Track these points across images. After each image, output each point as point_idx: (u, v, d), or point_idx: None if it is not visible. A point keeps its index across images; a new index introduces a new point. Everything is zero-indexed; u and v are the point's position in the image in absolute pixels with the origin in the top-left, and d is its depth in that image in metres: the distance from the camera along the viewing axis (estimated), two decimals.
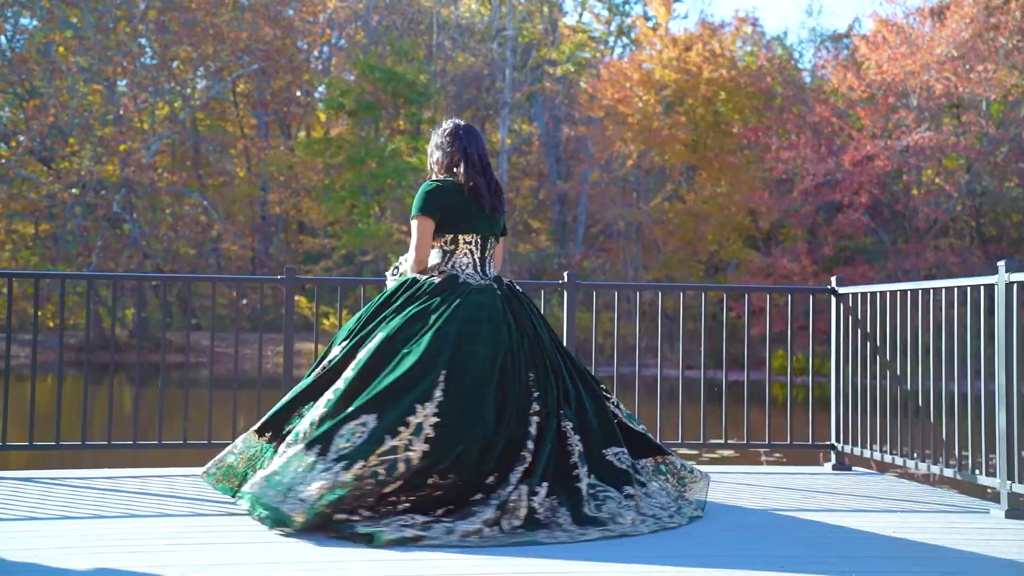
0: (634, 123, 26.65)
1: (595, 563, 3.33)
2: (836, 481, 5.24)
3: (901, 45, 23.70)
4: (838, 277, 5.79)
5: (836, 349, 5.71)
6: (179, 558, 3.34)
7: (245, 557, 3.37)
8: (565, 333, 5.73)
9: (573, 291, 5.75)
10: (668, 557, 3.45)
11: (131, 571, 3.18)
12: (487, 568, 3.24)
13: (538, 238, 31.53)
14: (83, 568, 3.21)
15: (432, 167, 4.38)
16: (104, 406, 10.26)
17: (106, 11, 25.98)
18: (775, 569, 3.31)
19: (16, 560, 3.30)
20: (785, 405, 5.98)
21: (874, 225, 24.55)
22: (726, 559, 3.46)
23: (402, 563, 3.30)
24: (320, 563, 3.30)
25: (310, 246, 29.25)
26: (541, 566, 3.28)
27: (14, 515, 4.07)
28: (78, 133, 25.35)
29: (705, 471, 4.41)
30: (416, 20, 32.66)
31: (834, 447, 5.69)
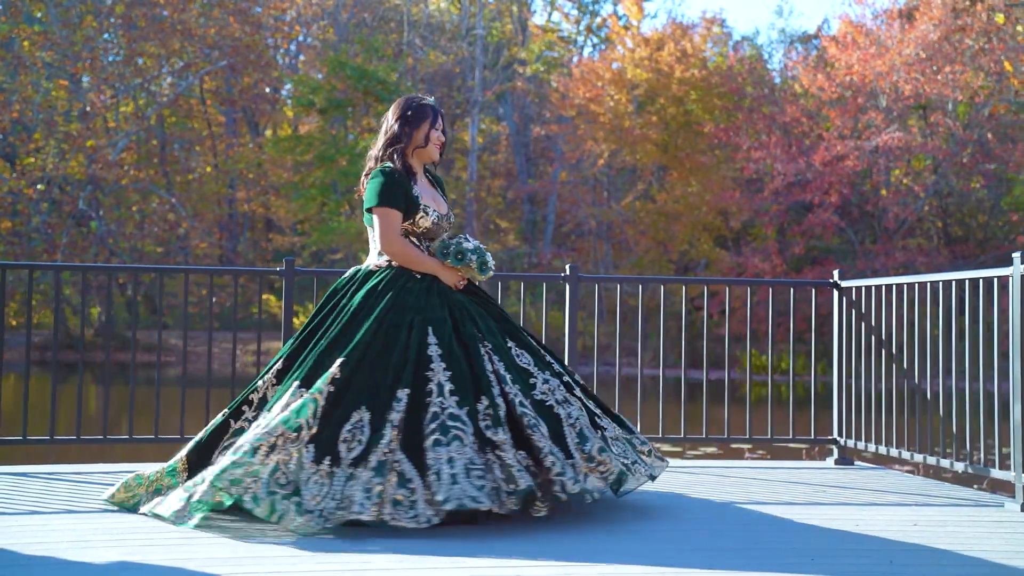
0: (606, 122, 26.67)
1: (624, 566, 3.27)
2: (842, 476, 5.22)
3: (870, 46, 23.89)
4: (840, 271, 5.78)
5: (838, 343, 5.69)
6: (197, 552, 3.26)
7: (264, 551, 3.29)
8: (567, 328, 5.68)
9: (576, 284, 5.69)
10: (694, 551, 3.41)
11: (150, 564, 3.10)
12: (492, 565, 3.18)
13: (506, 237, 31.48)
14: (100, 561, 3.12)
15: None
16: (71, 404, 10.06)
17: (71, 6, 25.58)
18: (805, 559, 3.27)
19: (29, 554, 3.20)
20: (784, 402, 5.96)
21: (843, 225, 24.73)
22: (753, 552, 3.42)
23: (426, 558, 3.23)
24: (342, 557, 3.23)
25: (279, 244, 29.02)
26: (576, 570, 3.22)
27: (17, 509, 3.96)
28: (43, 129, 24.93)
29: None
30: (386, 18, 32.51)
31: (836, 442, 5.68)
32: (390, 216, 3.98)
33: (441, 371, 3.75)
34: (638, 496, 4.35)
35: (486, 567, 3.12)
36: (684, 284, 5.99)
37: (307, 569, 3.06)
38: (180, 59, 26.69)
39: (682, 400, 5.71)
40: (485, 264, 4.06)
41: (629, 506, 4.16)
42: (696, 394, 11.02)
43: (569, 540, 3.50)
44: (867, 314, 5.47)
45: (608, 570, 3.10)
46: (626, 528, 3.75)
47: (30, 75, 24.89)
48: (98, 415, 11.79)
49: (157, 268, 5.66)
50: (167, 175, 27.37)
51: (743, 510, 4.20)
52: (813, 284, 5.93)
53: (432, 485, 3.51)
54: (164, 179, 27.19)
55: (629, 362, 17.53)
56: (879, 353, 5.37)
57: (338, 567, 3.11)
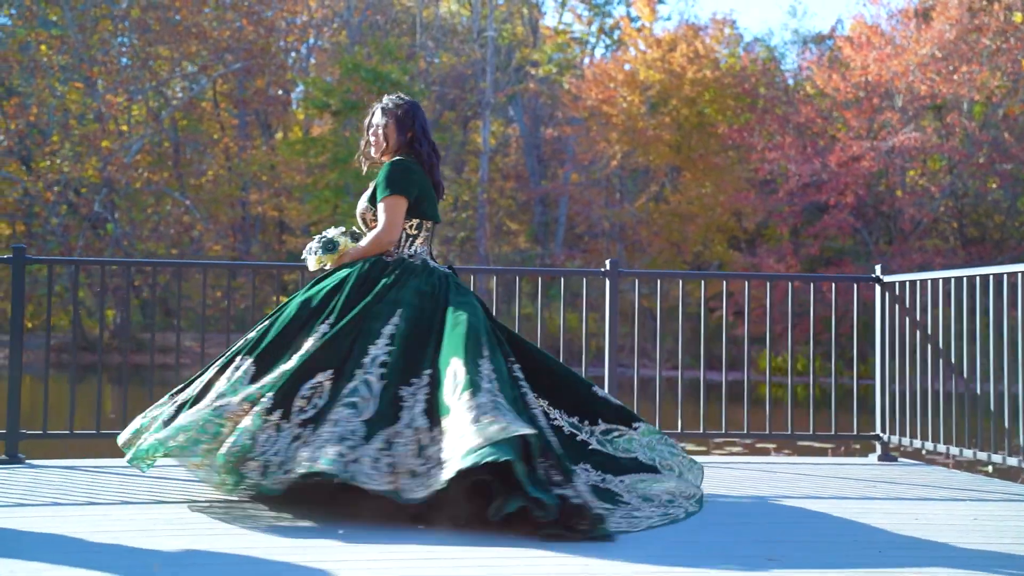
0: (618, 123, 26.65)
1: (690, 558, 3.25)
2: (888, 472, 5.19)
3: (885, 46, 23.83)
4: (883, 265, 5.75)
5: (880, 339, 5.66)
6: (259, 541, 3.26)
7: (326, 542, 3.28)
8: (608, 322, 5.65)
9: (616, 279, 5.67)
10: (755, 542, 3.38)
11: (216, 551, 3.11)
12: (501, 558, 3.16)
13: (517, 239, 31.46)
14: (168, 549, 3.13)
15: (381, 144, 4.20)
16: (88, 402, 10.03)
17: (87, 9, 25.64)
18: (874, 552, 3.25)
19: (96, 541, 3.19)
20: (804, 401, 5.93)
21: (859, 226, 24.66)
22: (818, 544, 3.40)
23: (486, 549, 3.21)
24: (405, 550, 3.21)
25: (292, 246, 29.03)
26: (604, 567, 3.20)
27: (74, 500, 3.95)
28: (59, 132, 25.00)
29: None
30: (398, 20, 32.53)
31: (879, 438, 5.64)
32: None
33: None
34: None
35: (549, 560, 3.10)
36: (725, 279, 5.97)
37: (371, 558, 3.05)
38: (193, 63, 26.74)
39: (701, 399, 5.69)
40: (308, 249, 4.26)
41: None
42: (714, 394, 10.99)
43: (623, 535, 3.48)
44: (911, 309, 5.44)
45: (681, 553, 3.08)
46: (678, 523, 3.73)
47: (46, 78, 24.97)
48: (117, 416, 11.79)
49: (176, 262, 5.70)
50: (181, 177, 27.41)
51: (796, 504, 4.17)
52: (855, 279, 5.90)
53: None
54: (178, 182, 27.23)
55: (645, 363, 17.50)
56: (924, 348, 5.34)
57: (401, 556, 3.10)
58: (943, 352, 5.18)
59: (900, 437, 5.50)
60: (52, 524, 3.47)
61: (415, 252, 4.12)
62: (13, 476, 4.50)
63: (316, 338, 3.87)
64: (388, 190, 4.04)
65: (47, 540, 3.24)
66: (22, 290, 5.02)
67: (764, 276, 6.17)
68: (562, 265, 27.23)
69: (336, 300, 3.98)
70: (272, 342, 3.92)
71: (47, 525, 3.45)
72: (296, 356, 3.83)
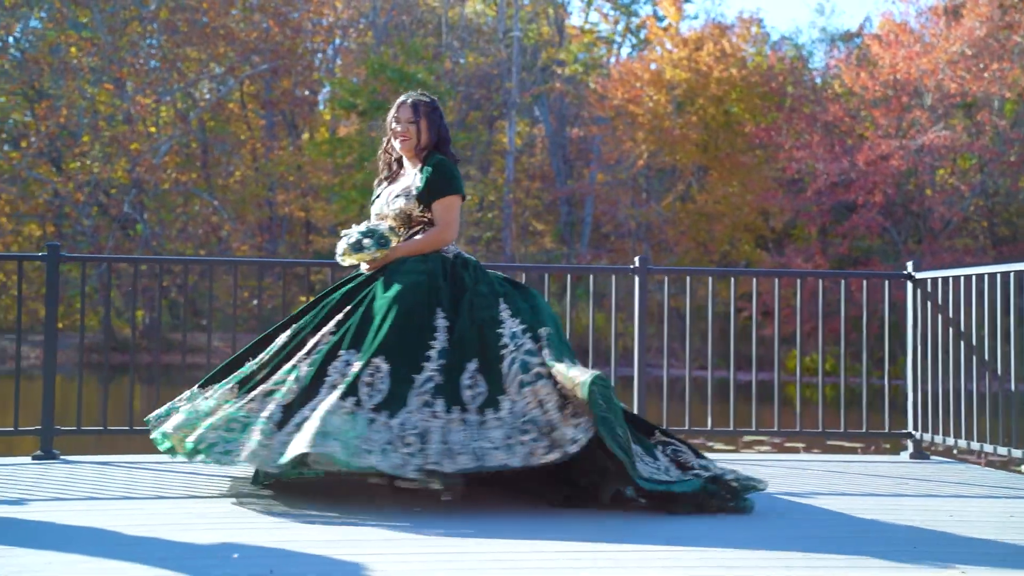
0: (645, 123, 26.59)
1: (733, 550, 3.24)
2: (920, 469, 5.15)
3: (914, 44, 23.65)
4: (915, 261, 5.71)
5: (912, 336, 5.62)
6: (295, 534, 3.28)
7: (365, 534, 3.30)
8: (636, 320, 5.64)
9: (644, 276, 5.65)
10: (794, 539, 3.37)
11: (253, 545, 3.12)
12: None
13: (542, 240, 31.45)
14: (202, 542, 3.15)
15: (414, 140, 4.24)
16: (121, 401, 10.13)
17: (116, 11, 25.85)
18: (908, 547, 3.23)
19: (133, 535, 3.22)
20: (833, 401, 5.90)
21: (887, 225, 24.49)
22: (859, 540, 3.38)
23: (531, 543, 3.22)
24: (438, 542, 3.23)
25: (319, 246, 29.14)
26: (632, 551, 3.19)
27: (110, 495, 3.99)
28: (89, 133, 25.23)
29: None
30: (424, 21, 32.59)
31: (911, 435, 5.61)
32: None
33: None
34: None
35: (596, 552, 3.10)
36: (754, 276, 5.95)
37: (407, 552, 3.06)
38: (221, 64, 26.91)
39: (731, 397, 5.68)
40: (352, 245, 4.18)
41: None
42: (743, 394, 10.93)
43: (669, 526, 3.48)
44: (943, 306, 5.40)
45: (718, 554, 3.08)
46: (711, 517, 3.72)
47: (76, 80, 25.19)
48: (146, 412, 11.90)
49: (207, 260, 5.75)
50: (208, 178, 27.58)
51: (828, 500, 4.15)
52: (886, 276, 5.86)
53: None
54: (206, 182, 27.40)
55: (673, 363, 17.45)
56: (956, 345, 5.30)
57: (436, 549, 3.11)
58: (976, 349, 5.13)
59: (932, 435, 5.46)
60: (89, 518, 3.50)
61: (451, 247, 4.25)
62: (49, 471, 4.55)
63: (443, 333, 3.93)
64: (448, 189, 4.16)
65: (84, 533, 3.27)
66: (56, 287, 5.07)
67: (794, 273, 6.15)
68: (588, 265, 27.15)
69: (441, 295, 4.04)
70: (394, 340, 3.88)
71: (84, 519, 3.49)
72: (435, 353, 3.86)
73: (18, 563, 2.85)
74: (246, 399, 3.84)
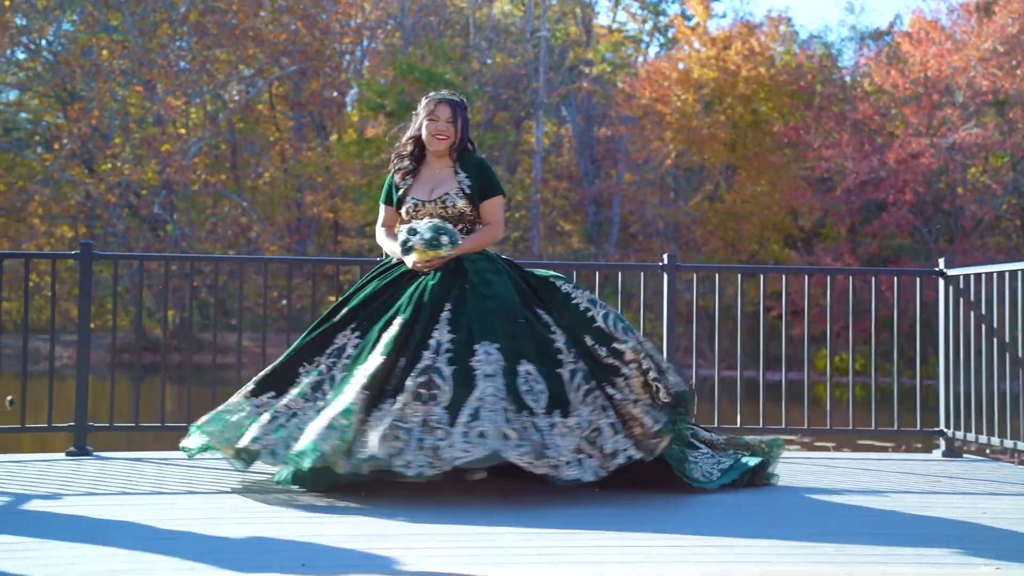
0: (672, 122, 26.51)
1: (765, 540, 3.23)
2: (952, 467, 5.11)
3: (945, 41, 23.43)
4: (946, 258, 5.66)
5: (944, 333, 5.58)
6: (325, 529, 3.30)
7: (391, 529, 3.32)
8: (665, 318, 5.62)
9: (673, 274, 5.64)
10: (822, 534, 3.36)
11: (281, 538, 3.15)
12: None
13: (570, 239, 31.41)
14: (234, 536, 3.17)
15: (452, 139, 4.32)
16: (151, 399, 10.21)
17: (147, 14, 26.08)
18: (941, 544, 3.21)
19: (164, 528, 3.26)
20: (863, 401, 5.86)
21: (918, 223, 24.29)
22: (887, 536, 3.36)
23: (556, 532, 3.22)
24: (467, 535, 3.23)
25: (347, 247, 29.25)
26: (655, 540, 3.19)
27: (142, 490, 4.03)
28: (120, 135, 25.46)
29: None
30: (451, 21, 32.65)
31: (943, 433, 5.56)
32: (381, 210, 4.47)
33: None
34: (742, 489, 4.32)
35: (627, 545, 3.10)
36: (784, 273, 5.92)
37: (435, 546, 3.07)
38: (250, 66, 27.08)
39: (760, 396, 5.65)
40: (429, 242, 4.11)
41: (730, 493, 4.13)
42: (773, 393, 10.85)
43: (698, 517, 3.48)
44: (975, 303, 5.35)
45: (748, 547, 3.07)
46: (741, 511, 3.71)
47: (107, 83, 25.43)
48: (177, 411, 12.00)
49: (237, 258, 5.79)
50: (238, 179, 27.75)
51: (857, 498, 4.12)
52: (918, 272, 5.82)
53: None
54: (235, 183, 27.58)
55: (701, 363, 17.39)
56: (988, 343, 5.25)
57: (464, 542, 3.12)
58: (1008, 346, 5.08)
59: (964, 432, 5.41)
60: (122, 512, 3.54)
61: None
62: (82, 467, 4.60)
63: (538, 327, 4.05)
64: (497, 189, 4.33)
65: (117, 526, 3.31)
66: (89, 284, 5.12)
67: (824, 270, 6.12)
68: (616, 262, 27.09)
69: (525, 294, 4.15)
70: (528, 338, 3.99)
71: (117, 513, 3.53)
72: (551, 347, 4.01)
73: (53, 555, 2.89)
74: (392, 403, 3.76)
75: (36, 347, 23.80)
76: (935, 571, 2.84)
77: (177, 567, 2.78)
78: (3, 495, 3.86)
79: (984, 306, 5.28)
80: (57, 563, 2.80)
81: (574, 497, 3.85)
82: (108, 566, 2.78)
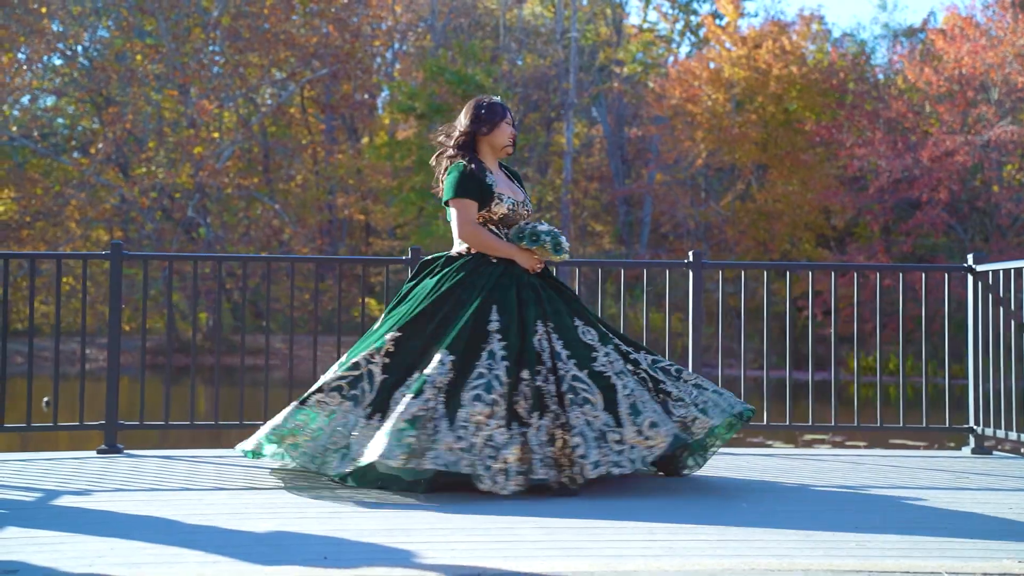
0: (703, 122, 26.41)
1: (787, 530, 3.23)
2: (981, 464, 5.06)
3: (980, 38, 23.19)
4: (976, 254, 5.62)
5: (973, 330, 5.53)
6: (348, 523, 3.33)
7: (414, 522, 3.35)
8: (691, 316, 5.62)
9: (699, 271, 5.64)
10: (849, 528, 3.35)
11: (305, 533, 3.18)
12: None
13: (601, 240, 31.37)
14: (259, 530, 3.22)
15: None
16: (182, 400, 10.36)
17: (180, 19, 26.34)
18: (964, 538, 3.19)
19: (191, 523, 3.30)
20: (894, 400, 5.81)
21: (953, 222, 24.05)
22: (913, 532, 3.35)
23: (572, 520, 3.23)
24: (488, 528, 3.25)
25: (378, 248, 29.40)
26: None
27: (171, 486, 4.08)
28: (154, 139, 25.73)
29: None
30: (481, 23, 32.72)
31: (973, 430, 5.52)
32: (465, 206, 4.25)
33: (496, 342, 3.97)
34: (759, 483, 4.30)
35: (649, 539, 3.11)
36: (811, 270, 5.90)
37: (457, 540, 3.10)
38: (282, 69, 27.27)
39: (787, 394, 5.62)
40: (559, 246, 4.24)
41: (753, 488, 4.12)
42: (801, 392, 10.82)
43: (716, 509, 3.48)
44: (1005, 299, 5.30)
45: (766, 539, 3.07)
46: (764, 506, 3.70)
47: (142, 87, 25.71)
48: (209, 411, 12.13)
49: (264, 257, 5.84)
50: (270, 182, 27.96)
51: (884, 493, 4.10)
52: (946, 268, 5.78)
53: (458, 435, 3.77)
54: (267, 186, 27.78)
55: (731, 363, 17.32)
56: (1018, 339, 5.20)
57: (485, 536, 3.14)
58: None
59: (995, 430, 5.37)
60: (150, 507, 3.59)
61: None
62: (113, 464, 4.67)
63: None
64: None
65: (145, 521, 3.36)
66: (119, 284, 5.18)
67: (852, 266, 6.09)
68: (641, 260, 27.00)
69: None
70: None
71: (145, 508, 3.58)
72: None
73: (81, 548, 2.94)
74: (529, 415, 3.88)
75: (72, 349, 24.12)
76: (957, 564, 2.83)
77: (202, 560, 2.82)
78: (36, 491, 3.93)
79: (1013, 302, 5.23)
80: (85, 556, 2.85)
81: (596, 490, 3.87)
82: (134, 559, 2.83)
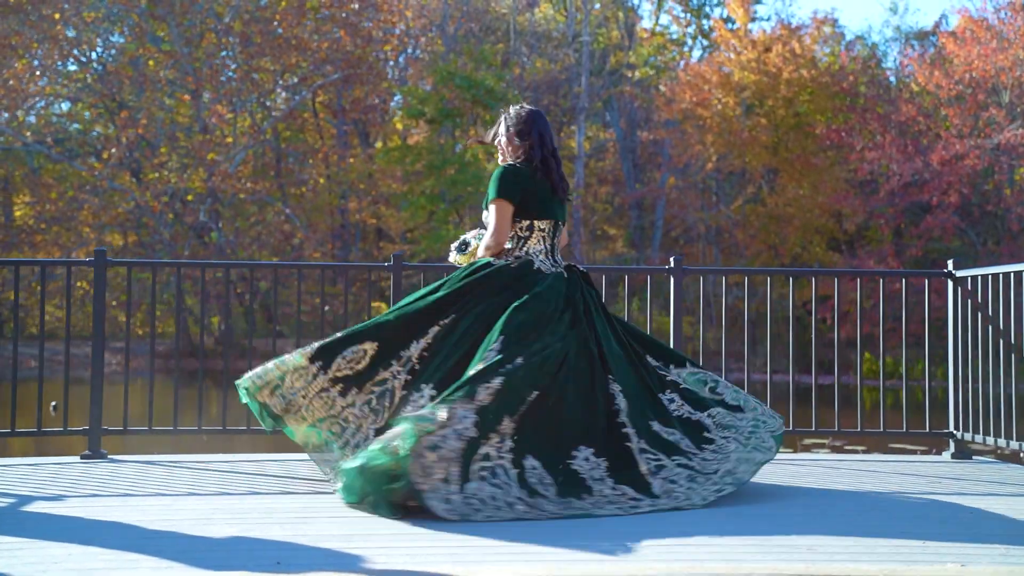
0: (714, 125, 26.40)
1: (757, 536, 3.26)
2: (959, 469, 5.07)
3: (991, 41, 23.10)
4: (955, 260, 5.63)
5: (953, 335, 5.55)
6: (311, 529, 3.38)
7: (376, 528, 3.40)
8: (672, 325, 5.65)
9: (680, 277, 5.67)
10: (798, 531, 3.37)
11: (266, 539, 3.23)
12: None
13: (614, 244, 31.37)
14: (220, 536, 3.26)
15: (505, 151, 4.35)
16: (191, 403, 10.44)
17: (192, 25, 26.52)
18: (917, 543, 3.21)
19: (155, 529, 3.36)
20: (895, 403, 5.82)
21: (964, 226, 23.95)
22: (874, 533, 3.37)
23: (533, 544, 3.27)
24: (449, 534, 3.30)
25: (389, 253, 29.49)
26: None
27: (144, 492, 4.14)
28: (167, 144, 25.91)
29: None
30: (492, 28, 32.78)
31: (953, 435, 5.53)
32: None
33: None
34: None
35: (650, 545, 3.15)
36: (791, 276, 5.92)
37: (417, 546, 3.14)
38: (294, 74, 27.41)
39: (790, 398, 5.64)
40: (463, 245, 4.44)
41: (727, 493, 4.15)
42: (805, 396, 10.82)
43: (689, 518, 3.51)
44: (983, 304, 5.32)
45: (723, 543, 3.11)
46: (727, 511, 3.73)
47: (155, 92, 25.90)
48: (217, 416, 12.20)
49: (272, 264, 5.92)
50: (282, 187, 28.10)
51: (852, 499, 4.12)
52: (927, 274, 5.79)
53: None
54: (279, 191, 27.92)
55: (737, 367, 17.26)
56: (996, 344, 5.21)
57: (447, 543, 3.18)
58: (1016, 348, 5.05)
59: (974, 434, 5.38)
60: (119, 513, 3.65)
61: (527, 252, 4.24)
62: (92, 469, 4.73)
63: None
64: (490, 195, 4.18)
65: (109, 527, 3.41)
66: (103, 290, 5.25)
67: (831, 272, 6.11)
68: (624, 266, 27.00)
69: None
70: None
71: (114, 514, 3.63)
72: None
73: (40, 554, 3.00)
74: None
75: (85, 353, 24.29)
76: (901, 568, 2.86)
77: (157, 565, 2.87)
78: (9, 496, 3.99)
79: (991, 307, 5.24)
80: (42, 562, 2.90)
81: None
82: (91, 564, 2.88)
